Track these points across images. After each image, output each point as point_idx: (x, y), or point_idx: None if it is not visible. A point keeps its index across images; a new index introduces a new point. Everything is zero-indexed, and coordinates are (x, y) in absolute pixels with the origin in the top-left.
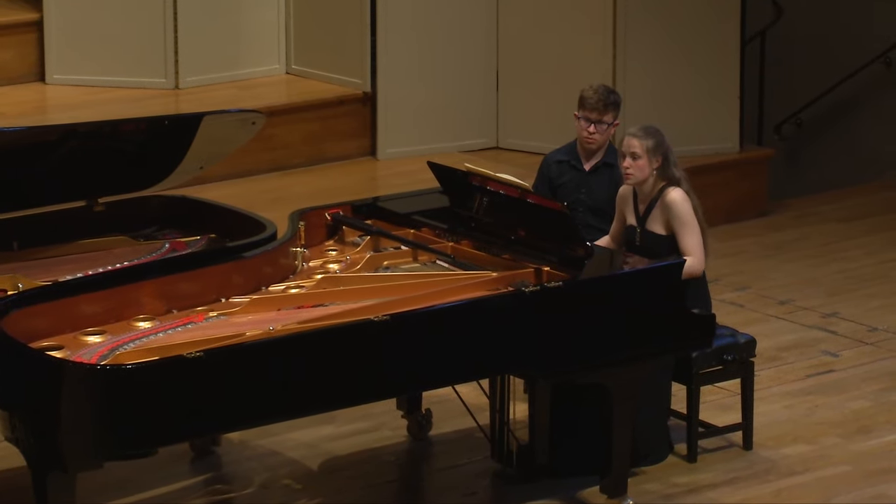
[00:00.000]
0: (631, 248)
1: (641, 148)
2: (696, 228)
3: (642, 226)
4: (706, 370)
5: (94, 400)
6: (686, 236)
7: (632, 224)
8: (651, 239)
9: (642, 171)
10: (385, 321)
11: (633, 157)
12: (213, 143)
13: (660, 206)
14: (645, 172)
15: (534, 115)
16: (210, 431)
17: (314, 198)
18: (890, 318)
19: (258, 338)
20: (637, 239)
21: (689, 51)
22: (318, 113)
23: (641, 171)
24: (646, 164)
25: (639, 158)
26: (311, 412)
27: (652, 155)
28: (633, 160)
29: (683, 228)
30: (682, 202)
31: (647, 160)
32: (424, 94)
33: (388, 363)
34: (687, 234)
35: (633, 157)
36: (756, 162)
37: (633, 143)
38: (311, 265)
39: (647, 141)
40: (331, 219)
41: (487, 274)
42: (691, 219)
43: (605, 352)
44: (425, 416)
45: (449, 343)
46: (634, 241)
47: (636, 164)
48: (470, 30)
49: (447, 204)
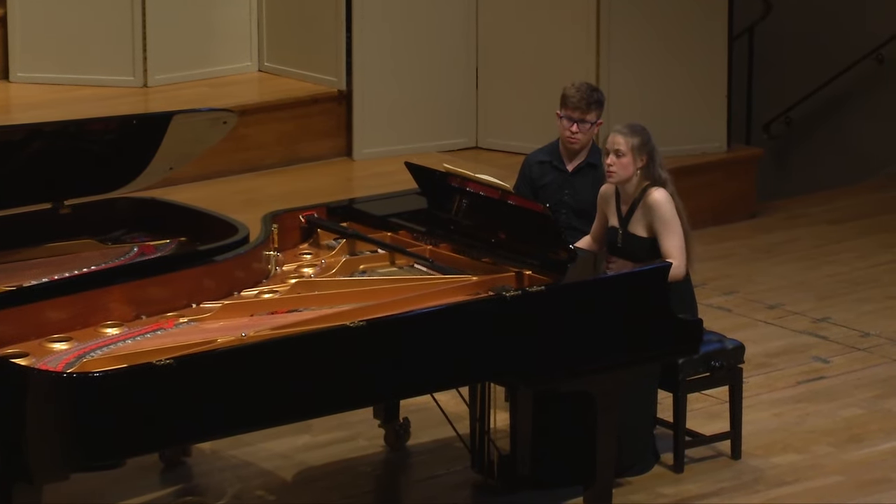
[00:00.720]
0: (613, 250)
1: (626, 145)
2: (678, 230)
3: (624, 227)
4: (693, 377)
5: (61, 409)
6: (668, 238)
7: (614, 225)
8: (633, 241)
9: (626, 170)
10: (361, 327)
11: (617, 155)
12: (183, 144)
13: (642, 207)
14: (628, 171)
15: (514, 113)
16: (180, 441)
17: (288, 199)
18: (882, 322)
19: (230, 344)
20: (619, 241)
21: (674, 47)
22: (291, 112)
23: (625, 170)
24: (630, 162)
25: (623, 156)
26: (286, 421)
27: (636, 153)
28: (617, 158)
29: (665, 230)
30: (665, 203)
31: (632, 158)
32: (401, 92)
33: (364, 371)
34: (668, 237)
35: (617, 155)
36: (744, 162)
37: (618, 140)
38: (285, 269)
39: (632, 139)
40: (305, 221)
41: (467, 278)
42: (674, 220)
43: (589, 358)
44: (403, 425)
45: (427, 350)
46: (616, 243)
47: (620, 161)
48: (448, 25)
49: (425, 206)
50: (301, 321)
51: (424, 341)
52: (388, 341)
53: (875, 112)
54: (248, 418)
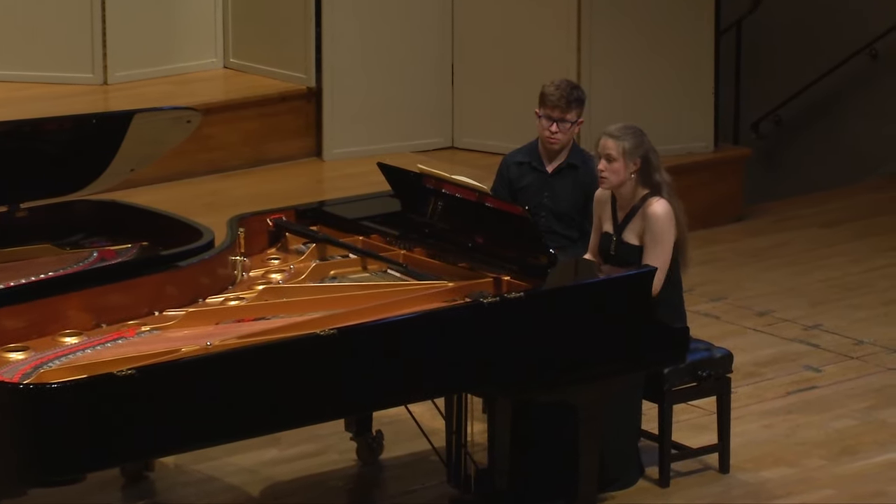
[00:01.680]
0: (605, 257)
1: (617, 149)
2: (665, 252)
3: (619, 235)
4: (679, 387)
5: (17, 422)
6: (652, 255)
7: (608, 232)
8: (627, 249)
9: (618, 175)
10: (332, 335)
11: (608, 160)
12: (144, 144)
13: (640, 216)
14: (621, 176)
15: (492, 112)
16: (143, 456)
17: (255, 202)
18: (877, 330)
19: (195, 354)
20: (612, 248)
21: (658, 43)
22: (258, 110)
23: (617, 175)
24: (622, 167)
25: (614, 161)
26: (253, 434)
27: (629, 157)
28: (608, 163)
29: (654, 248)
30: (664, 219)
31: (624, 163)
32: (374, 90)
33: (335, 381)
34: (654, 253)
35: (608, 160)
36: (732, 162)
37: (608, 144)
38: (252, 275)
39: (622, 142)
40: (273, 225)
41: (443, 284)
42: (665, 240)
43: (570, 367)
44: (376, 438)
45: (401, 359)
46: (609, 250)
47: (611, 167)
48: (423, 20)
49: (399, 208)
50: (269, 329)
51: (398, 350)
52: (360, 350)
53: (869, 110)
54: (214, 431)
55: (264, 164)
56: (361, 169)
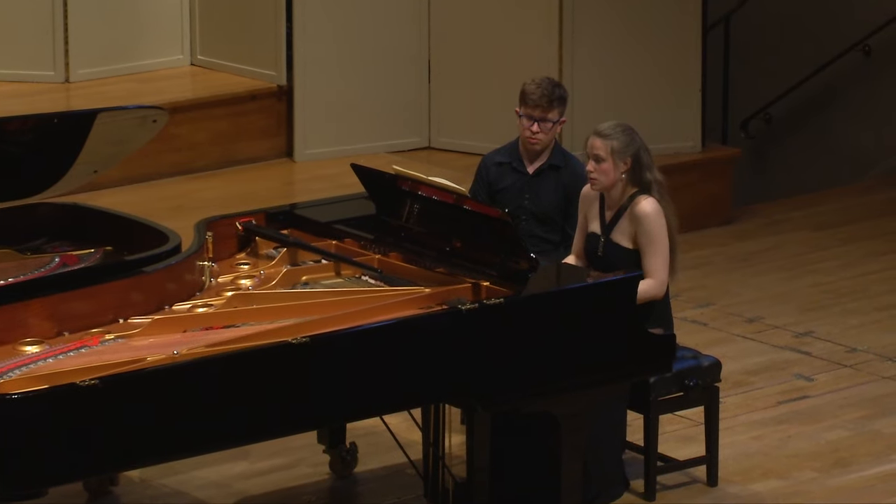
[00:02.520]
0: (591, 259)
1: (605, 149)
2: (663, 248)
3: (607, 235)
4: (665, 397)
5: None
6: (651, 255)
7: (595, 232)
8: (615, 251)
9: (607, 176)
10: (304, 344)
11: (597, 160)
12: (108, 144)
13: (629, 216)
14: (611, 177)
15: (470, 111)
16: (107, 469)
17: (223, 205)
18: (870, 337)
19: (161, 363)
20: (599, 249)
21: (643, 38)
22: (227, 109)
23: (606, 176)
24: (611, 167)
25: (603, 161)
26: (222, 447)
27: (618, 157)
28: (597, 163)
29: (650, 246)
30: (653, 215)
31: (613, 163)
32: (347, 88)
33: (307, 391)
34: (652, 253)
35: (597, 160)
36: (720, 163)
37: (596, 143)
38: (221, 281)
39: (611, 141)
40: (242, 229)
41: (419, 290)
42: (660, 236)
43: (553, 377)
44: (350, 450)
45: (376, 368)
46: (596, 252)
47: (600, 167)
48: (398, 15)
49: (373, 211)
50: (238, 337)
51: (373, 359)
52: (333, 359)
53: (862, 108)
54: (181, 444)
55: (233, 166)
56: (334, 170)
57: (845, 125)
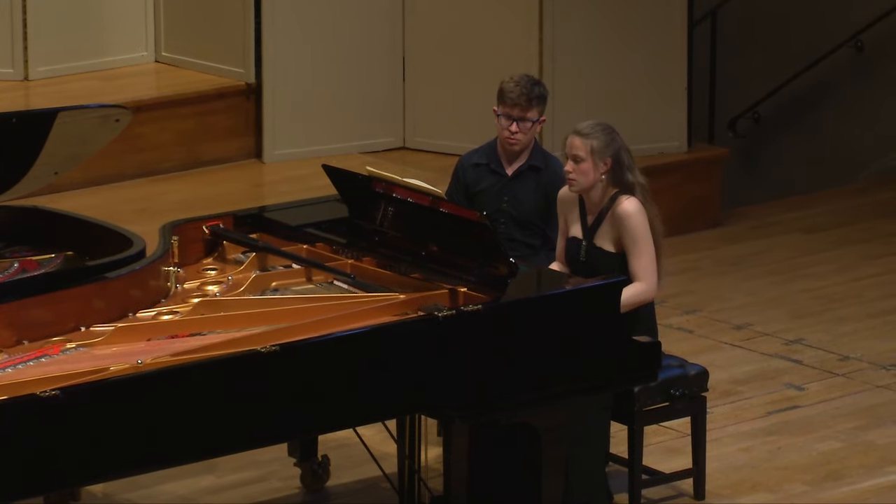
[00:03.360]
0: (574, 264)
1: (584, 149)
2: (649, 249)
3: (589, 239)
4: (650, 407)
5: None
6: (637, 257)
7: (576, 237)
8: (598, 256)
9: (586, 177)
10: (274, 352)
11: (576, 160)
12: (69, 145)
13: (610, 218)
14: (590, 178)
15: (446, 110)
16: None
17: (189, 208)
18: (863, 344)
19: (124, 373)
20: (582, 254)
21: (627, 34)
22: (193, 108)
23: (585, 177)
24: (590, 168)
25: (582, 161)
26: (188, 460)
27: (598, 157)
28: (576, 164)
29: (635, 247)
30: (636, 216)
31: (592, 164)
32: (318, 86)
33: (277, 402)
34: (638, 255)
35: (576, 160)
36: (707, 163)
37: (575, 143)
38: (187, 287)
39: (591, 141)
40: (209, 232)
41: (394, 296)
42: (645, 237)
43: (533, 386)
44: (322, 463)
45: (349, 378)
46: (578, 257)
47: (579, 168)
48: (371, 10)
49: (346, 214)
50: (205, 346)
51: (346, 368)
52: (305, 368)
53: (854, 106)
54: (145, 456)
55: (199, 167)
56: (305, 171)
57: (837, 124)
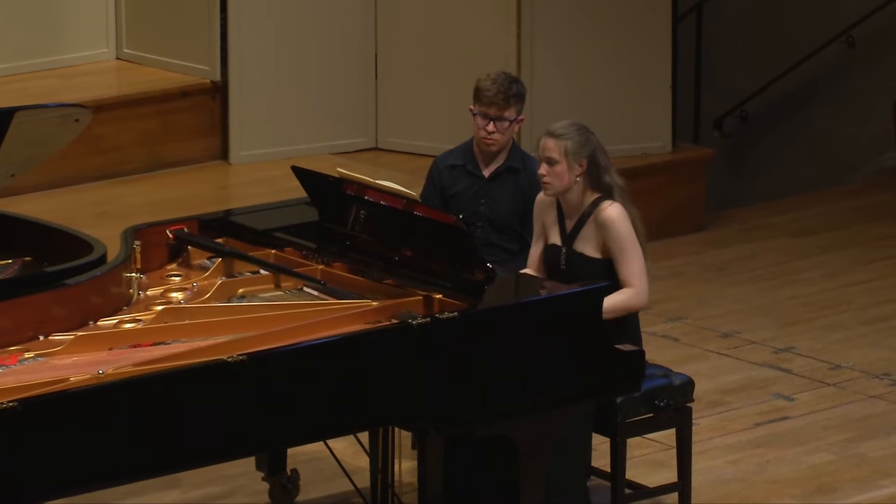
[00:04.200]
0: (553, 272)
1: (558, 151)
2: (638, 254)
3: (569, 246)
4: (634, 419)
5: None
6: (627, 262)
7: (555, 244)
8: (580, 262)
9: (561, 180)
10: (241, 362)
11: (550, 163)
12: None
13: (593, 223)
14: (565, 181)
15: (421, 109)
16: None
17: (152, 211)
18: (855, 353)
19: (85, 384)
20: (562, 261)
21: (608, 29)
22: (156, 107)
23: (560, 180)
24: (565, 170)
25: (556, 164)
26: (152, 474)
27: (572, 159)
28: (550, 166)
29: (624, 254)
30: (621, 221)
31: (567, 166)
32: (287, 84)
33: (244, 414)
34: (628, 261)
35: (550, 163)
36: (692, 164)
37: (548, 145)
38: (150, 294)
39: (564, 142)
40: (173, 237)
41: (366, 303)
42: (633, 242)
43: (511, 397)
44: (291, 477)
45: (319, 388)
46: (559, 264)
47: (553, 171)
48: (343, 4)
49: (316, 218)
50: (169, 355)
51: (316, 378)
52: (273, 379)
53: (846, 104)
54: (107, 471)
55: (163, 169)
56: (273, 173)
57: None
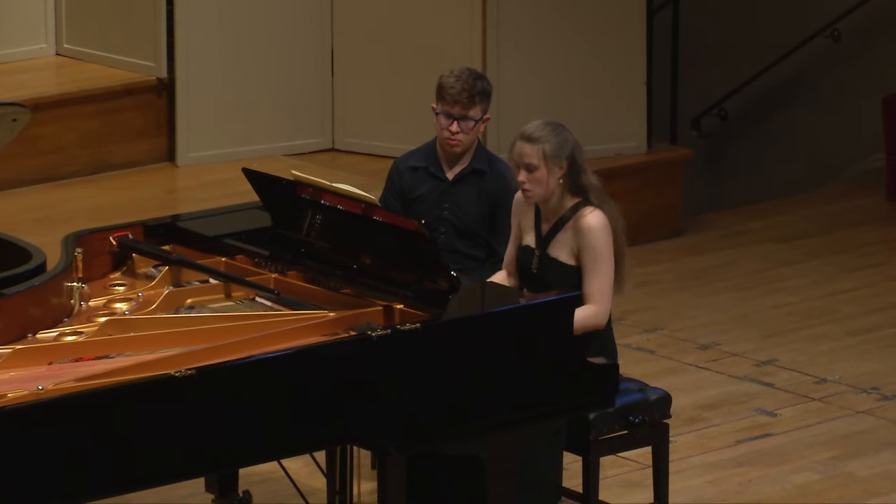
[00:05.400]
0: (525, 275)
1: (537, 155)
2: (609, 270)
3: (543, 249)
4: (607, 436)
5: None
6: (596, 277)
7: (529, 245)
8: (552, 267)
9: (544, 186)
10: (189, 377)
11: (529, 169)
12: None
13: (571, 228)
14: (548, 186)
15: (380, 107)
16: None
17: (95, 217)
18: (842, 366)
19: (23, 400)
20: (534, 265)
21: (579, 23)
22: (98, 106)
23: (543, 186)
24: (545, 175)
25: (536, 170)
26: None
27: (552, 162)
28: (529, 173)
29: (594, 265)
30: (601, 231)
31: (548, 170)
32: (238, 81)
33: (193, 432)
34: (595, 275)
35: (529, 169)
36: (668, 166)
37: (525, 150)
38: (92, 305)
39: (542, 145)
40: (117, 244)
41: (323, 314)
42: (608, 257)
43: (477, 413)
44: (243, 499)
45: (273, 405)
46: (530, 268)
47: (534, 177)
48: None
49: (269, 223)
50: (113, 370)
51: (269, 394)
52: (224, 395)
53: (831, 102)
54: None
55: (106, 171)
56: (223, 176)
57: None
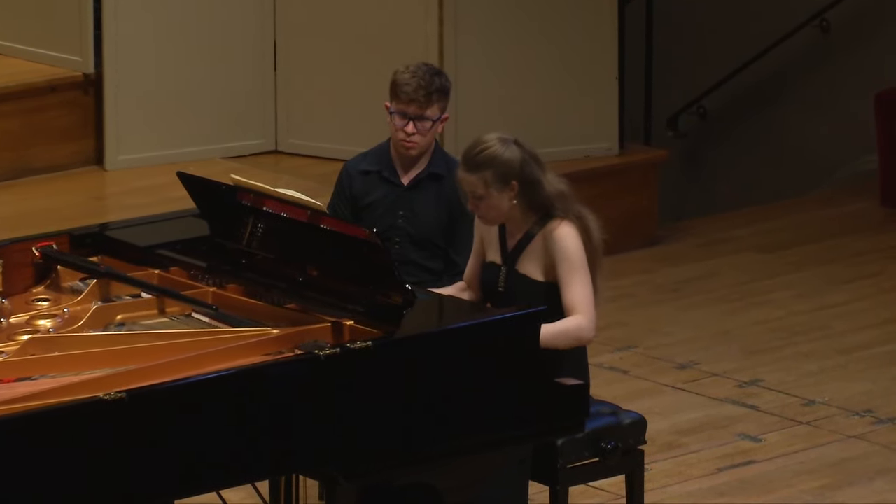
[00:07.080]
0: (490, 293)
1: (480, 184)
2: (586, 279)
3: (511, 265)
4: (577, 464)
5: None
6: (574, 286)
7: (494, 262)
8: (520, 284)
9: (496, 210)
10: (119, 400)
11: (476, 198)
12: None
13: (540, 241)
14: (501, 209)
15: (327, 106)
16: None
17: (16, 225)
18: (832, 386)
19: None
20: (500, 282)
21: (544, 16)
22: (19, 104)
23: (495, 210)
24: (496, 200)
25: (483, 199)
26: None
27: (498, 187)
28: (478, 200)
29: (572, 275)
30: (572, 241)
31: (497, 194)
32: (172, 78)
33: (124, 461)
34: (575, 284)
35: (476, 198)
36: (643, 168)
37: (467, 179)
38: (13, 322)
39: (483, 173)
40: (40, 255)
41: (265, 331)
42: (584, 266)
43: (434, 439)
44: None
45: (211, 431)
46: (496, 286)
47: (483, 204)
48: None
49: (206, 232)
50: (36, 393)
51: (206, 419)
52: (157, 420)
53: (819, 98)
54: None
55: (28, 175)
56: (156, 180)
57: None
